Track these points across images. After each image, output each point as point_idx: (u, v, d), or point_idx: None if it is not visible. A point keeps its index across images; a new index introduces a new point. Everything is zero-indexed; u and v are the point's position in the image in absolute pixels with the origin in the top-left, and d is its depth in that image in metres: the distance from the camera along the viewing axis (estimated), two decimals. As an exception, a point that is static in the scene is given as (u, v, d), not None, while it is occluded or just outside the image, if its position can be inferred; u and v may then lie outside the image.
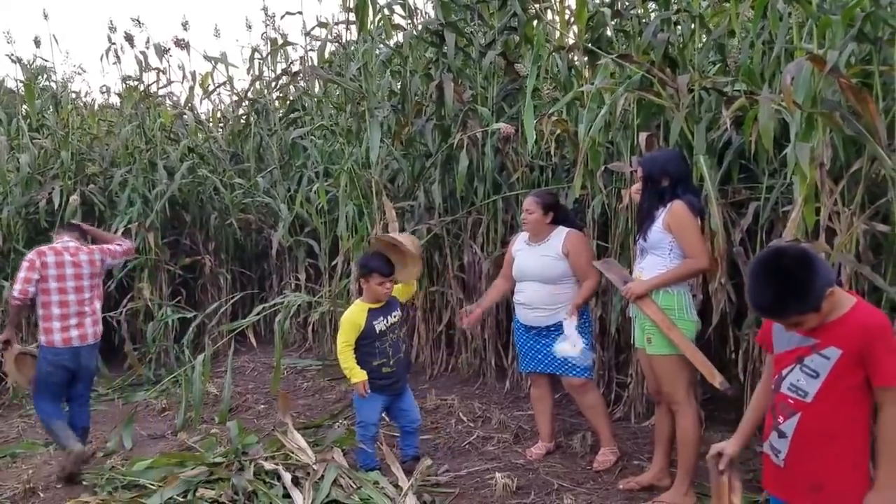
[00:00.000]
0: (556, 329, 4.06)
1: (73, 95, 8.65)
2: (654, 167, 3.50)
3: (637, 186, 3.61)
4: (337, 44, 6.98)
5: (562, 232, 4.09)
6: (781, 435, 2.10)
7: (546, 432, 4.34)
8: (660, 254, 3.46)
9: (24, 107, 8.06)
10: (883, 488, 1.96)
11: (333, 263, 6.66)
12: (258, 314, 5.94)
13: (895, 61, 3.14)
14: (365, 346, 3.87)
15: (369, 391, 3.84)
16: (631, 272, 3.81)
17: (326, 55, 7.87)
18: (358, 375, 3.83)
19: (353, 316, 3.89)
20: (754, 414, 2.31)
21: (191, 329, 6.86)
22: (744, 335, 4.21)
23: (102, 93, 9.35)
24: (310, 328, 6.96)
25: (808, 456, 2.06)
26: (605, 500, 3.62)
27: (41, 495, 4.25)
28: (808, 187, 3.21)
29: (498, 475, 3.75)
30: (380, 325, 3.90)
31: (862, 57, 3.57)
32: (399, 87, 6.37)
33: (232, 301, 7.72)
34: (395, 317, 3.97)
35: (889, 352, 1.96)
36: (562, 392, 4.64)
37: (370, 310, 3.89)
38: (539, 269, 4.04)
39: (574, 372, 4.02)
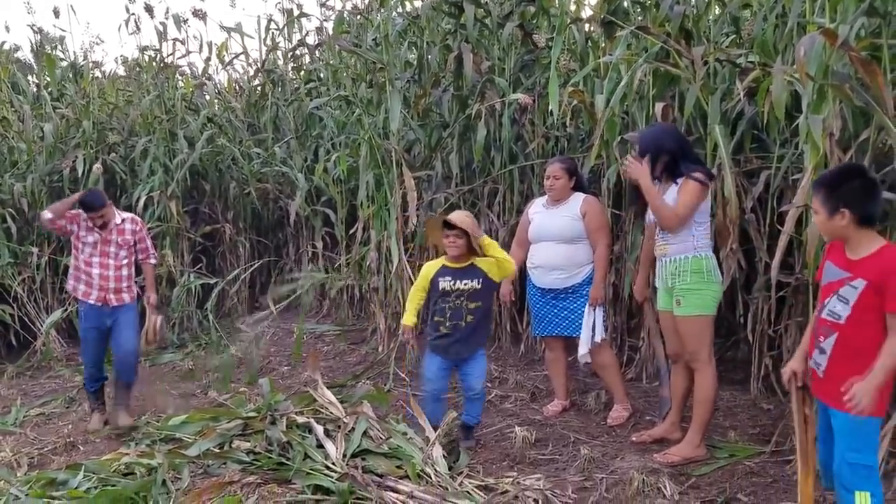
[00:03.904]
0: (573, 291, 4.24)
1: (92, 65, 8.77)
2: (650, 143, 3.65)
3: (630, 160, 3.70)
4: (359, 15, 7.07)
5: (580, 196, 4.29)
6: (822, 351, 2.54)
7: (562, 391, 4.54)
8: (685, 225, 3.61)
9: (46, 76, 8.19)
10: (868, 379, 2.37)
11: (351, 232, 6.84)
12: (310, 284, 6.21)
13: (904, 35, 3.26)
14: (432, 299, 3.98)
15: (426, 345, 4.02)
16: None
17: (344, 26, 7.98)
18: (406, 319, 4.02)
19: (428, 266, 4.04)
20: (807, 336, 2.71)
21: (213, 295, 7.08)
22: (752, 299, 4.39)
23: (122, 63, 9.44)
24: (330, 295, 7.15)
25: (841, 368, 2.47)
26: (619, 451, 3.83)
27: (81, 448, 4.48)
28: (819, 156, 3.36)
29: (517, 428, 3.96)
30: (444, 283, 3.89)
31: (871, 30, 3.68)
32: (416, 57, 6.50)
33: (251, 269, 7.92)
34: (465, 284, 3.87)
35: None
36: (576, 353, 4.83)
37: (443, 266, 3.93)
38: (557, 229, 4.22)
39: (582, 354, 4.23)
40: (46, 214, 4.64)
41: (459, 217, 3.85)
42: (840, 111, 3.49)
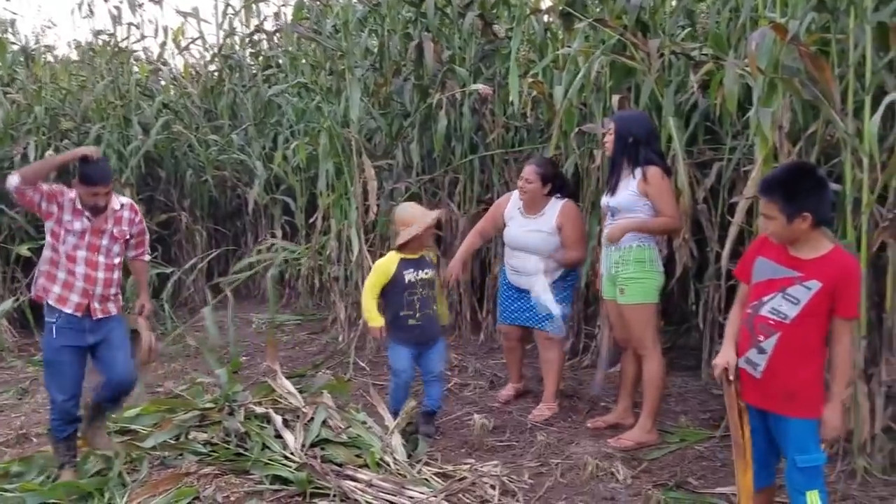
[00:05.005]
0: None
1: (44, 49, 8.54)
2: (622, 125, 3.75)
3: (608, 139, 3.82)
4: (318, 1, 7.00)
5: (556, 205, 4.21)
6: (761, 351, 2.47)
7: (515, 375, 4.62)
8: (634, 216, 3.70)
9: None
10: (834, 404, 2.40)
11: (311, 221, 6.80)
12: (253, 267, 6.08)
13: (850, 30, 3.35)
14: (394, 294, 3.91)
15: (389, 338, 3.96)
16: (601, 231, 4.08)
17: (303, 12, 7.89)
18: (375, 320, 3.89)
19: (384, 264, 3.96)
20: (733, 330, 2.62)
21: (169, 284, 6.97)
22: (704, 288, 4.50)
23: (76, 48, 9.20)
24: (298, 283, 7.11)
25: (783, 369, 2.43)
26: (574, 437, 3.92)
27: (34, 440, 4.40)
28: (768, 149, 3.45)
29: (476, 416, 4.01)
30: (409, 275, 3.89)
31: (821, 25, 3.78)
32: (376, 45, 6.48)
33: (208, 258, 7.82)
34: (426, 273, 3.95)
35: (855, 290, 2.44)
36: (533, 342, 4.89)
37: (402, 259, 3.91)
38: (532, 245, 4.20)
39: (553, 329, 4.25)
40: (13, 179, 3.43)
41: (429, 214, 3.96)
42: (790, 104, 3.58)
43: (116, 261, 3.65)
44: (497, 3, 5.97)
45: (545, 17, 5.54)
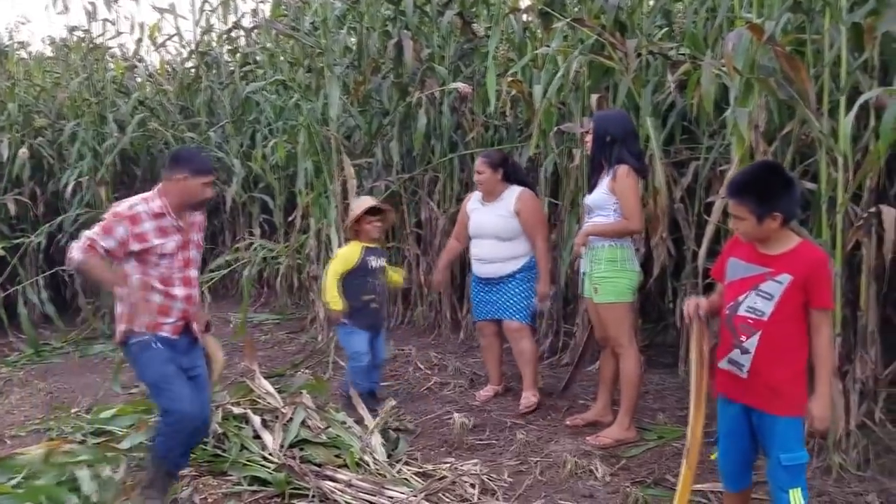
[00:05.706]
0: (510, 278, 4.30)
1: (18, 46, 8.42)
2: (600, 124, 3.76)
3: (588, 138, 3.86)
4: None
5: (514, 191, 4.31)
6: (745, 351, 2.47)
7: (495, 376, 4.62)
8: (605, 214, 3.73)
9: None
10: (820, 395, 2.40)
11: (290, 219, 6.76)
12: (229, 266, 6.04)
13: (825, 31, 3.39)
14: (359, 280, 4.24)
15: (348, 324, 4.26)
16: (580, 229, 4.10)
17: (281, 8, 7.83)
18: (338, 304, 4.20)
19: (348, 251, 4.32)
20: (715, 299, 2.63)
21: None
22: (681, 286, 4.54)
23: (50, 44, 9.08)
24: (277, 282, 7.07)
25: (767, 366, 2.44)
26: (553, 435, 3.93)
27: (7, 443, 4.34)
28: (744, 148, 3.48)
29: (456, 415, 4.01)
30: (374, 262, 4.29)
31: (796, 26, 3.82)
32: (355, 43, 6.45)
33: (186, 256, 7.73)
34: (382, 262, 4.38)
35: (826, 281, 2.43)
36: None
37: (365, 247, 4.28)
38: (494, 228, 4.27)
39: (518, 317, 4.30)
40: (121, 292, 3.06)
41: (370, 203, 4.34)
42: (766, 104, 3.61)
43: (198, 271, 3.31)
44: (476, 1, 5.98)
45: (524, 17, 5.55)
